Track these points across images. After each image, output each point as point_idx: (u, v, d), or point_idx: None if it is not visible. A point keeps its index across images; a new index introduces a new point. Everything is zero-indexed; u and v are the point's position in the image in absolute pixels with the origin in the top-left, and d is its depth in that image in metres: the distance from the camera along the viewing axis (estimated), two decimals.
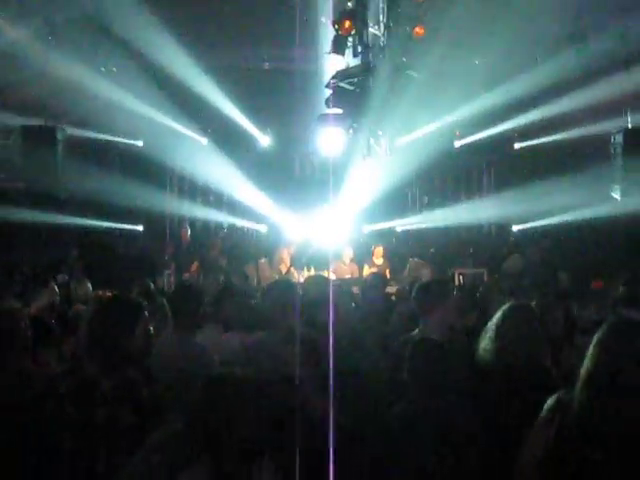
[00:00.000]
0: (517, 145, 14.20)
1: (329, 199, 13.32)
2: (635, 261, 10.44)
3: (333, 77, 8.82)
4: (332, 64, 9.78)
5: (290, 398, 3.10)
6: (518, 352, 3.46)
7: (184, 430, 2.61)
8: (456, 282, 11.78)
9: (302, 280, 11.37)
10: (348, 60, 9.37)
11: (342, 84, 8.69)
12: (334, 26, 8.59)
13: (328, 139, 12.40)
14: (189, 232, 13.08)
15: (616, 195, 12.07)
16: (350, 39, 9.01)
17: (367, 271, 12.43)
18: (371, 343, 4.41)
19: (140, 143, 14.18)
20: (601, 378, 2.48)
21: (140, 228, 14.43)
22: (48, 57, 10.56)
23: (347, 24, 8.46)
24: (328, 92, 9.01)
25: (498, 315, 3.61)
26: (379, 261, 12.75)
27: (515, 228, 14.19)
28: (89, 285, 8.56)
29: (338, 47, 8.89)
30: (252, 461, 2.49)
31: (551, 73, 11.35)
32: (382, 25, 9.30)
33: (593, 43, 10.51)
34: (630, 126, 11.86)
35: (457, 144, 14.41)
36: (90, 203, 12.44)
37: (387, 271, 12.36)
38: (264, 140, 15.01)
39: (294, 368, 3.29)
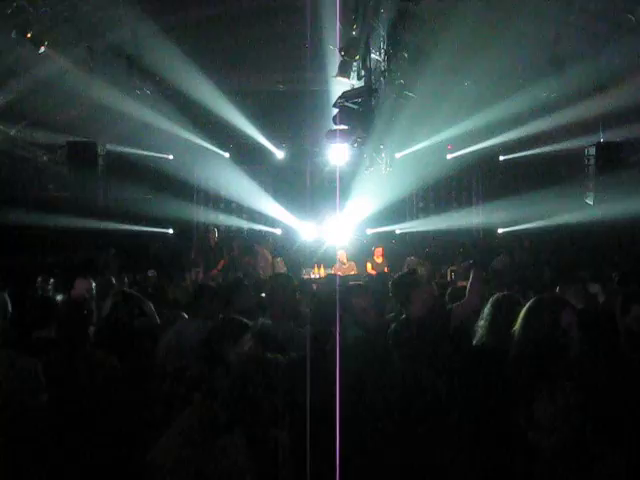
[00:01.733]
0: (502, 158, 14.04)
1: (336, 205, 13.22)
2: (605, 259, 10.31)
3: (340, 97, 8.64)
4: (339, 86, 9.64)
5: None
6: (505, 334, 3.35)
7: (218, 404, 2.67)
8: (448, 277, 11.70)
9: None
10: (353, 82, 9.23)
11: (348, 104, 8.50)
12: (340, 52, 8.44)
13: (336, 153, 12.30)
14: (217, 235, 12.91)
15: (590, 202, 11.91)
16: (355, 64, 8.88)
17: (369, 268, 12.33)
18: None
19: (170, 157, 14.11)
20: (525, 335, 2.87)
21: (171, 231, 14.39)
22: (90, 82, 10.46)
23: (352, 51, 8.31)
24: (335, 111, 8.84)
25: (489, 303, 3.60)
26: (379, 260, 12.66)
27: (500, 231, 14.03)
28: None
29: (344, 71, 8.75)
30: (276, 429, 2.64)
31: (532, 94, 11.21)
32: (383, 51, 9.15)
33: (569, 69, 10.34)
34: (602, 140, 11.70)
35: (449, 157, 14.27)
36: (126, 210, 12.36)
37: (386, 268, 12.26)
38: (279, 154, 14.92)
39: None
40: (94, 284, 6.70)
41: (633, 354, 3.27)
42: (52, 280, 7.10)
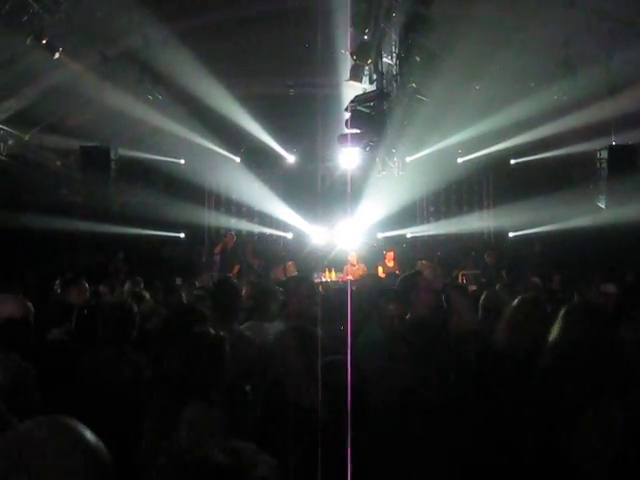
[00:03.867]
0: (513, 161, 14.01)
1: (347, 210, 13.21)
2: (618, 263, 10.22)
3: (352, 101, 8.66)
4: (350, 90, 9.66)
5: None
6: (526, 337, 3.29)
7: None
8: (460, 281, 11.66)
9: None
10: (365, 86, 9.24)
11: (360, 108, 8.52)
12: (352, 56, 8.44)
13: (346, 157, 12.29)
14: (235, 238, 12.91)
15: (602, 205, 11.85)
16: (366, 68, 8.88)
17: (381, 272, 12.30)
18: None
19: (182, 161, 14.17)
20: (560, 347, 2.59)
21: (182, 235, 14.43)
22: (103, 87, 10.52)
23: (364, 55, 8.30)
24: (347, 115, 8.86)
25: (511, 306, 3.49)
26: (390, 264, 12.63)
27: (511, 235, 13.99)
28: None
29: (356, 75, 8.77)
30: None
31: (544, 97, 11.16)
32: (395, 55, 9.14)
33: (581, 71, 10.31)
34: (614, 143, 11.64)
35: (460, 160, 14.24)
36: (138, 214, 12.41)
37: (397, 272, 12.21)
38: (290, 158, 14.96)
39: None
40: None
41: None
42: (58, 281, 7.10)
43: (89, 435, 1.40)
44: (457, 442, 3.06)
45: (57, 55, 9.11)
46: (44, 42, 8.79)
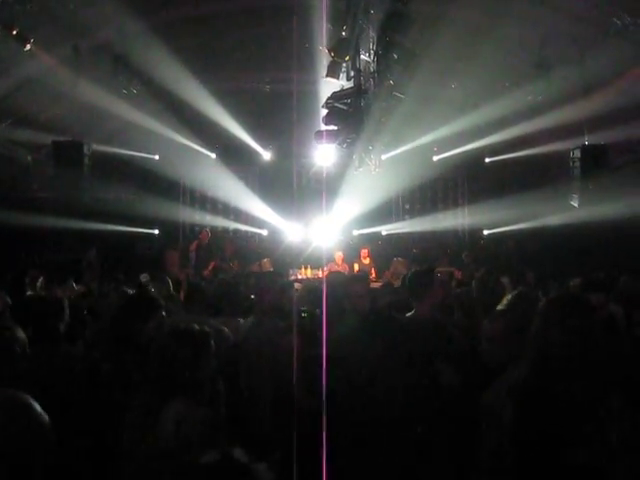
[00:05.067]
0: (488, 160, 14.09)
1: (323, 207, 13.18)
2: (590, 261, 10.35)
3: (329, 98, 8.62)
4: (326, 86, 9.61)
5: None
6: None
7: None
8: None
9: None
10: (342, 83, 9.19)
11: (337, 104, 8.49)
12: (330, 53, 8.37)
13: (322, 153, 12.24)
14: (209, 235, 12.79)
15: (574, 203, 11.97)
16: (344, 65, 8.83)
17: (356, 269, 12.32)
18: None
19: (156, 157, 13.98)
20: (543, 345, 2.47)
21: (156, 232, 14.26)
22: (76, 81, 10.28)
23: (342, 51, 8.24)
24: (324, 111, 8.81)
25: (506, 301, 3.43)
26: (366, 261, 12.68)
27: (486, 232, 14.08)
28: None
29: (333, 72, 8.69)
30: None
31: (518, 97, 11.24)
32: (372, 52, 9.13)
33: (555, 72, 10.39)
34: (587, 143, 11.77)
35: (435, 158, 14.29)
36: (112, 210, 12.20)
37: (372, 269, 12.27)
38: (266, 154, 14.87)
39: None
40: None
41: None
42: (41, 278, 6.95)
43: (33, 403, 1.74)
44: (445, 438, 3.05)
45: (28, 46, 8.89)
46: (14, 33, 8.56)
